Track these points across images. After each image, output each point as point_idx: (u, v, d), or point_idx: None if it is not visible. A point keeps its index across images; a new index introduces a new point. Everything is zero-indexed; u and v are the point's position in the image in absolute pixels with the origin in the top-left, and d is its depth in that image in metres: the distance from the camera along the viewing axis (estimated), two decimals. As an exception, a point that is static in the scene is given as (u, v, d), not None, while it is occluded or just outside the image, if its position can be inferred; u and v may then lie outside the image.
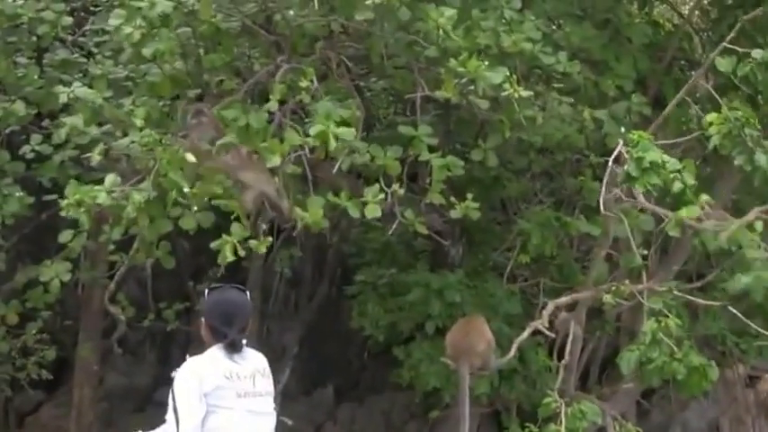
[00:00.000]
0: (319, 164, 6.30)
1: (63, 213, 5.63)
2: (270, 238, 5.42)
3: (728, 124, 5.79)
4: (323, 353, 9.17)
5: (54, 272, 6.66)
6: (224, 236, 5.31)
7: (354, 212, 5.68)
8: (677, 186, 5.69)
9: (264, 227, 6.55)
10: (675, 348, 5.88)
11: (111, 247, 7.24)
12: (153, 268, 8.73)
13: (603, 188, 5.73)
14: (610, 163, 5.55)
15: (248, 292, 4.67)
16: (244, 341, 4.43)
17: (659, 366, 5.96)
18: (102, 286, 8.07)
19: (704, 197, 5.65)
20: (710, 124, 5.86)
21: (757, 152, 5.83)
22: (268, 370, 4.60)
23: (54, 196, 7.86)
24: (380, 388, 8.69)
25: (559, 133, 6.50)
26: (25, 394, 8.37)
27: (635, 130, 5.93)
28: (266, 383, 4.60)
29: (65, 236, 6.42)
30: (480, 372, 6.15)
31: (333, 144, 5.37)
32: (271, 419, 4.49)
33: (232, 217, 5.57)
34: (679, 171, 5.72)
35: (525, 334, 5.95)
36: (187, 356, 5.17)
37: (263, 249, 5.39)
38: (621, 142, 5.64)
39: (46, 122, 7.61)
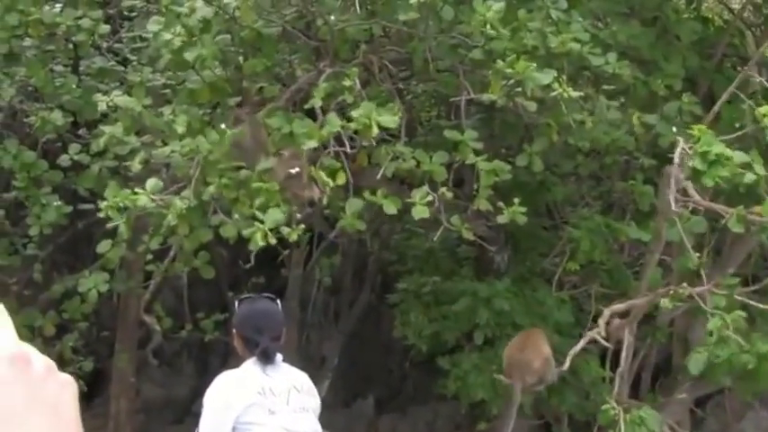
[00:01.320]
0: (362, 171, 6.15)
1: (101, 215, 5.52)
2: (302, 226, 5.25)
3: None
4: (363, 363, 9.00)
5: (92, 282, 6.58)
6: (256, 223, 5.17)
7: (390, 209, 5.53)
8: (749, 178, 5.52)
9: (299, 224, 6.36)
10: (743, 343, 5.75)
11: (149, 256, 7.13)
12: (189, 278, 8.63)
13: (660, 189, 5.54)
14: (676, 159, 5.34)
15: (279, 302, 4.57)
16: (279, 353, 4.33)
17: (728, 360, 5.80)
18: (138, 296, 7.99)
19: None
20: (765, 116, 5.67)
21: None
22: (308, 386, 4.48)
23: (90, 206, 7.82)
24: (423, 399, 8.50)
25: (607, 137, 6.30)
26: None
27: (687, 130, 5.76)
28: (304, 400, 4.47)
29: (103, 246, 6.33)
30: (533, 387, 5.96)
31: (374, 132, 5.21)
32: None
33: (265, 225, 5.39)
34: (748, 163, 5.55)
35: (581, 344, 5.77)
36: (224, 370, 5.07)
37: (295, 237, 5.23)
38: (681, 140, 5.44)
39: (82, 131, 7.57)
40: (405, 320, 7.32)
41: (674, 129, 6.26)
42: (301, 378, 4.58)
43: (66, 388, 0.91)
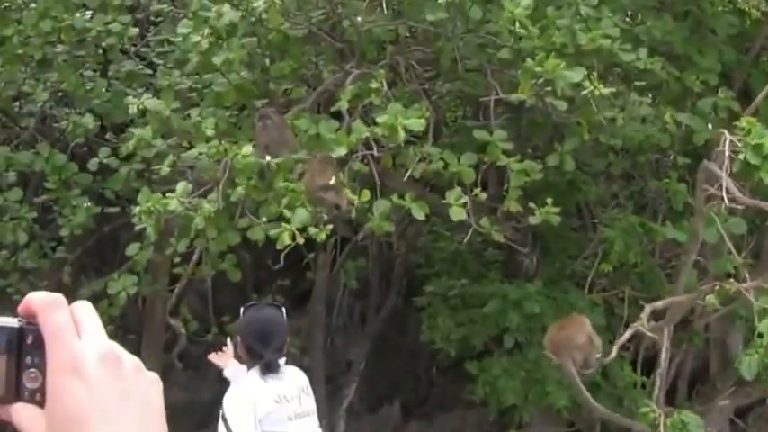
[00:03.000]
0: (389, 173, 6.08)
1: (134, 221, 5.52)
2: (330, 226, 5.20)
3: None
4: (389, 367, 8.91)
5: (121, 285, 6.60)
6: (283, 224, 5.12)
7: (419, 214, 5.48)
8: None
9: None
10: None
11: (177, 259, 7.12)
12: (213, 281, 8.60)
13: (697, 187, 5.39)
14: (725, 153, 5.18)
15: (284, 310, 4.57)
16: (281, 361, 4.35)
17: None
18: (164, 300, 7.98)
19: None
20: None
21: None
22: (309, 387, 4.50)
23: (116, 209, 7.82)
24: (450, 405, 8.39)
25: (640, 134, 6.18)
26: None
27: (722, 128, 5.60)
28: (310, 402, 4.52)
29: (132, 249, 6.36)
30: (583, 369, 5.79)
31: (401, 136, 5.16)
32: None
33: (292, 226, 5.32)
34: None
35: (625, 337, 5.62)
36: (227, 377, 5.04)
37: (323, 237, 5.17)
38: (726, 134, 5.27)
39: (109, 135, 7.60)
40: (432, 324, 7.22)
41: (710, 125, 6.12)
42: (304, 379, 4.64)
43: (153, 385, 0.93)
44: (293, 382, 4.57)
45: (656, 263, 7.04)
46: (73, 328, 0.89)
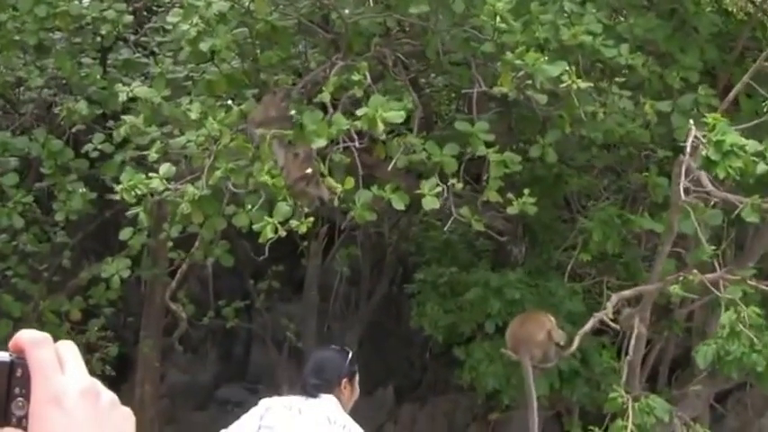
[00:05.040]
0: (378, 163, 6.24)
1: (116, 197, 5.67)
2: (311, 219, 5.36)
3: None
4: (384, 352, 9.10)
5: (114, 268, 6.75)
6: (266, 217, 5.28)
7: (399, 204, 5.62)
8: (761, 168, 5.48)
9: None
10: (756, 339, 5.65)
11: (170, 244, 7.29)
12: (214, 267, 8.80)
13: (672, 180, 5.53)
14: (688, 148, 5.33)
15: (350, 354, 4.64)
16: (326, 397, 4.42)
17: (737, 358, 5.76)
18: (164, 284, 8.16)
19: None
20: None
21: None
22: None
23: (116, 195, 8.00)
24: (443, 389, 8.58)
25: (622, 128, 6.31)
26: (90, 391, 8.47)
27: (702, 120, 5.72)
28: None
29: (125, 233, 6.51)
30: (542, 364, 5.98)
31: (380, 128, 5.30)
32: None
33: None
34: (761, 153, 5.51)
35: (588, 326, 5.78)
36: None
37: (304, 230, 5.33)
38: (693, 128, 5.42)
39: (111, 123, 7.75)
40: (421, 311, 7.39)
41: (691, 121, 6.25)
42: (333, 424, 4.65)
43: (128, 420, 1.00)
44: (314, 414, 4.49)
45: (640, 254, 7.19)
46: (56, 364, 0.97)
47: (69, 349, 1.00)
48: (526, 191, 5.89)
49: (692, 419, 6.67)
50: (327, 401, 4.46)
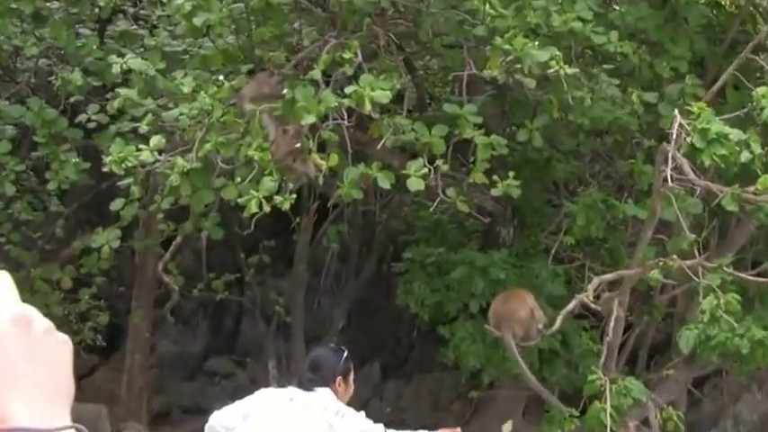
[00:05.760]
0: (370, 142, 6.33)
1: (105, 169, 5.75)
2: (294, 196, 5.45)
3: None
4: (372, 329, 9.22)
5: (105, 239, 6.84)
6: (251, 191, 5.37)
7: (384, 183, 5.71)
8: (745, 156, 5.57)
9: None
10: (735, 325, 5.76)
11: (161, 216, 7.37)
12: (208, 240, 8.90)
13: (656, 167, 5.62)
14: (673, 135, 5.41)
15: (345, 352, 4.76)
16: (322, 390, 4.52)
17: (721, 342, 5.87)
18: (157, 255, 8.25)
19: None
20: (763, 97, 5.72)
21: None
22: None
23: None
24: (429, 367, 8.70)
25: (609, 115, 6.40)
26: (80, 358, 8.60)
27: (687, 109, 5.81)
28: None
29: (116, 204, 6.59)
30: (524, 342, 6.09)
31: (368, 107, 5.38)
32: None
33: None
34: (745, 142, 5.60)
35: (570, 307, 5.89)
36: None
37: (287, 205, 5.42)
38: (678, 117, 5.51)
39: (109, 95, 7.81)
40: (407, 289, 7.50)
41: (677, 111, 6.33)
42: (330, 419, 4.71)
43: (63, 346, 1.00)
44: (308, 401, 4.56)
45: (625, 240, 7.29)
46: None
47: (2, 280, 1.01)
48: (511, 173, 5.97)
49: (669, 403, 6.80)
50: (322, 392, 4.56)
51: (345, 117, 5.69)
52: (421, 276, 7.57)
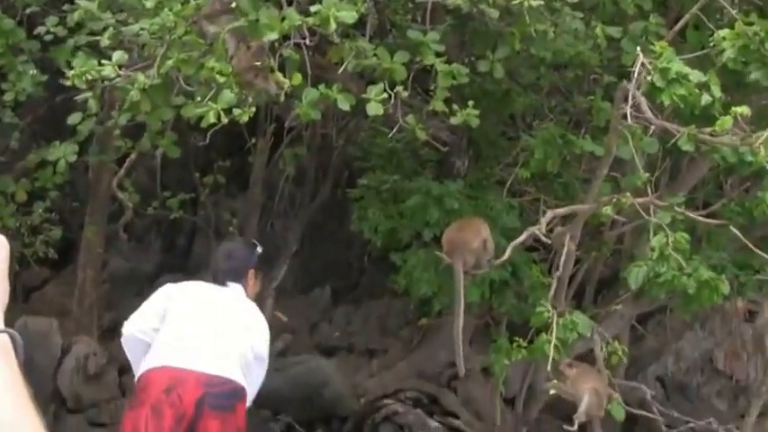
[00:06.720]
0: (330, 66, 6.30)
1: (68, 83, 5.69)
2: (253, 109, 5.45)
3: (744, 39, 5.69)
4: (324, 254, 9.29)
5: (61, 152, 6.79)
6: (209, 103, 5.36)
7: (344, 105, 5.72)
8: (705, 99, 5.64)
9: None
10: (684, 263, 5.89)
11: (118, 132, 7.32)
12: (163, 159, 8.86)
13: (615, 104, 5.68)
14: (634, 73, 5.46)
15: (258, 248, 4.98)
16: (234, 285, 4.78)
17: (668, 280, 5.99)
18: (112, 171, 8.21)
19: (739, 108, 5.41)
20: (723, 39, 5.77)
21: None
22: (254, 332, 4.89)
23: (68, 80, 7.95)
24: (378, 293, 8.81)
25: (571, 49, 6.43)
26: (32, 270, 8.58)
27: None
28: (238, 329, 4.88)
29: (73, 118, 6.54)
30: (474, 270, 6.21)
31: (332, 26, 5.36)
32: None
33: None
34: (705, 83, 5.66)
35: (521, 238, 5.99)
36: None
37: (246, 119, 5.42)
38: (641, 55, 5.56)
39: (67, 7, 7.66)
40: (362, 215, 7.55)
41: (638, 48, 6.38)
42: (250, 318, 5.20)
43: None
44: (230, 300, 4.91)
45: (579, 176, 7.39)
46: None
47: None
48: (470, 103, 6.00)
49: (613, 338, 6.98)
50: (234, 288, 4.88)
51: (308, 37, 5.65)
52: (375, 203, 7.62)
